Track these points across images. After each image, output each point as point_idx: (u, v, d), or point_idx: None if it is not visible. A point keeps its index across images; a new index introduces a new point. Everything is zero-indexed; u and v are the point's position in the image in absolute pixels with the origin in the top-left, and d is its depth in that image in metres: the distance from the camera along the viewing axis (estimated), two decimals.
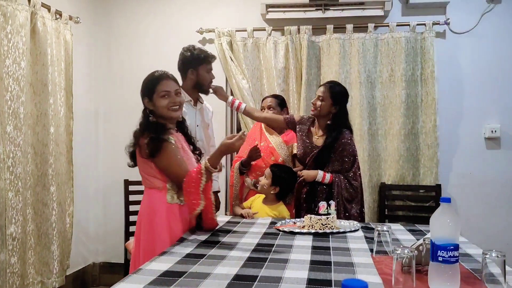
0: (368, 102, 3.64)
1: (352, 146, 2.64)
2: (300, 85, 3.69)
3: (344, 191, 2.58)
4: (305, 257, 1.58)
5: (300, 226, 2.14)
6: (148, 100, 1.99)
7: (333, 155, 2.61)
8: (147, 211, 1.96)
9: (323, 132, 2.68)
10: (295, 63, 3.70)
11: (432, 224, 1.23)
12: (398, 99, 3.60)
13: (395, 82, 3.61)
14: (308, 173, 2.62)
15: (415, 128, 3.60)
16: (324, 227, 2.05)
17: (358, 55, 3.62)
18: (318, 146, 2.64)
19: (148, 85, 2.00)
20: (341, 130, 2.63)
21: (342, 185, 2.58)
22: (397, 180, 3.60)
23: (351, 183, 2.59)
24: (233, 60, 3.79)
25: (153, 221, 1.92)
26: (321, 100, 2.64)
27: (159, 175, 1.93)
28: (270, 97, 3.12)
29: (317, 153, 2.62)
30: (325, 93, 2.64)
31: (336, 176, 2.60)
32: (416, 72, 3.59)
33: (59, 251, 3.19)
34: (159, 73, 2.02)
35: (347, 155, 2.62)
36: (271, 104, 3.02)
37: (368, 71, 3.64)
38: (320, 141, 2.66)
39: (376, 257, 1.57)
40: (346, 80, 3.65)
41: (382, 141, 3.67)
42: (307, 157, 2.66)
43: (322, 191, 2.60)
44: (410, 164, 3.59)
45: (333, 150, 2.61)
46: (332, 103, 2.65)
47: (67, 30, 3.40)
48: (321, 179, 2.59)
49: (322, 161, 2.61)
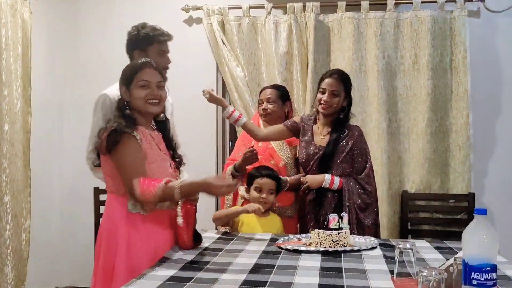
0: (388, 94, 3.65)
1: (364, 144, 2.68)
2: (305, 73, 3.71)
3: (357, 197, 2.60)
4: (312, 280, 1.58)
5: (306, 243, 2.14)
6: (126, 89, 2.04)
7: (342, 155, 2.64)
8: (107, 222, 1.99)
9: (328, 131, 2.71)
10: (300, 48, 3.70)
11: (465, 241, 1.24)
12: (423, 91, 3.61)
13: (419, 70, 3.62)
14: (313, 179, 2.64)
15: (444, 125, 3.61)
16: (335, 244, 2.05)
17: (375, 38, 3.63)
18: (323, 146, 2.67)
19: (127, 72, 2.05)
20: (350, 125, 2.69)
21: (354, 190, 2.60)
22: (422, 187, 3.61)
23: (365, 188, 2.62)
24: (225, 44, 3.80)
25: (113, 235, 1.93)
26: (335, 95, 2.66)
27: (117, 173, 1.96)
28: (270, 88, 3.11)
29: (323, 154, 2.65)
30: (338, 86, 2.67)
31: (346, 179, 2.62)
32: (444, 59, 3.60)
33: (13, 274, 3.18)
34: (142, 61, 2.07)
35: (359, 154, 2.65)
36: (271, 96, 3.02)
37: (388, 57, 3.65)
38: (325, 140, 2.69)
39: (397, 280, 1.57)
40: (361, 68, 3.67)
41: (404, 141, 3.67)
42: (311, 160, 2.69)
43: (330, 199, 2.62)
44: (437, 168, 3.61)
45: (342, 149, 2.64)
46: (345, 96, 2.70)
47: (25, 7, 3.38)
48: (329, 184, 2.61)
49: (329, 163, 2.64)
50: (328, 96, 2.66)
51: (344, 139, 2.65)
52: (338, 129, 2.66)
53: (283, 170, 2.91)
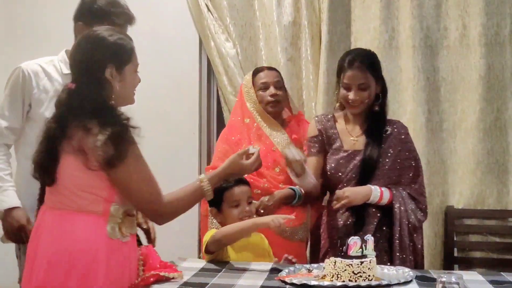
0: (427, 78, 3.62)
1: (412, 144, 2.73)
2: (318, 50, 3.70)
3: (411, 213, 2.61)
4: None
5: (319, 275, 2.13)
6: (115, 70, 2.04)
7: (388, 160, 2.65)
8: (84, 245, 1.93)
9: (362, 129, 2.72)
10: (311, 16, 3.70)
11: None
12: (474, 73, 3.58)
13: (469, 46, 3.60)
14: (355, 193, 2.60)
15: (502, 119, 3.59)
16: (356, 277, 2.02)
17: (410, 4, 3.59)
18: (359, 150, 2.68)
19: (120, 49, 2.07)
20: (390, 120, 2.71)
21: (408, 206, 2.61)
22: (473, 202, 3.58)
23: (419, 202, 2.63)
24: (211, 11, 3.80)
25: (92, 260, 1.92)
26: (363, 89, 2.65)
27: (106, 190, 1.97)
28: (271, 69, 3.12)
29: (362, 160, 2.65)
30: (365, 76, 2.65)
31: (397, 191, 2.63)
32: (502, 31, 3.56)
33: None
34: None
35: (408, 158, 2.67)
36: (279, 79, 3.06)
37: (427, 28, 3.62)
38: (360, 143, 2.70)
39: None
40: (391, 43, 3.65)
41: (449, 140, 3.63)
42: (346, 170, 2.68)
43: (372, 215, 2.62)
44: (493, 176, 3.58)
45: (387, 152, 2.65)
46: (376, 82, 2.68)
47: None
48: (378, 198, 2.58)
49: (370, 172, 2.65)
50: (355, 92, 2.65)
51: (387, 139, 2.66)
52: (377, 125, 2.68)
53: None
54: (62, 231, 1.95)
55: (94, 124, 1.89)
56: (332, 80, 3.58)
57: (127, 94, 2.10)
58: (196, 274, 2.20)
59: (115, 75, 2.02)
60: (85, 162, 1.90)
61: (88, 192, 1.96)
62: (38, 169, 2.01)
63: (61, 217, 1.97)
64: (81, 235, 1.93)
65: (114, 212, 1.96)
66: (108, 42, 2.04)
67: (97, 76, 1.99)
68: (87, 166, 1.90)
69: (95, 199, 1.95)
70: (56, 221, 1.97)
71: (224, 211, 2.59)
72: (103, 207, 1.95)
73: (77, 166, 1.93)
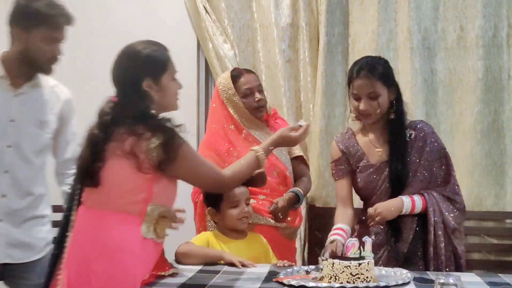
0: (425, 80, 3.62)
1: (440, 141, 2.67)
2: (316, 52, 3.70)
3: (447, 216, 2.56)
4: None
5: (317, 277, 2.13)
6: (152, 81, 2.11)
7: (417, 164, 2.59)
8: (118, 246, 1.99)
9: (385, 138, 2.65)
10: (309, 18, 3.70)
11: None
12: (471, 75, 3.58)
13: (466, 48, 3.60)
14: (387, 208, 2.52)
15: (499, 120, 3.58)
16: (354, 278, 2.01)
17: (408, 6, 3.60)
18: (386, 161, 2.63)
19: (154, 61, 2.14)
20: (412, 122, 2.66)
21: (443, 208, 2.56)
22: (471, 204, 3.53)
23: (455, 201, 2.59)
24: (209, 13, 3.79)
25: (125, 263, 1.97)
26: (373, 98, 2.57)
27: (146, 192, 2.04)
28: (250, 73, 3.05)
29: (391, 171, 2.59)
30: (374, 85, 2.57)
31: (429, 196, 2.56)
32: (499, 33, 3.57)
33: None
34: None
35: (437, 157, 2.62)
36: (259, 82, 3.03)
37: (425, 30, 3.62)
38: (385, 152, 2.64)
39: None
40: (389, 45, 3.64)
41: (447, 142, 3.49)
42: (376, 184, 2.63)
43: (409, 224, 2.58)
44: (490, 178, 3.58)
45: (415, 157, 2.59)
46: (388, 90, 2.61)
47: None
48: (411, 209, 2.53)
49: (401, 181, 2.59)
50: (366, 102, 2.57)
51: (413, 144, 2.60)
52: (398, 133, 2.61)
53: (290, 180, 2.94)
54: (99, 229, 2.02)
55: (144, 130, 1.99)
56: (330, 81, 3.58)
57: (168, 102, 2.19)
58: (193, 276, 2.20)
59: (153, 86, 2.11)
60: (137, 165, 1.99)
61: (130, 193, 2.03)
62: (82, 173, 2.09)
63: (99, 216, 2.04)
64: (117, 234, 2.01)
65: (150, 212, 2.03)
66: (142, 55, 2.12)
67: (136, 89, 2.09)
68: (139, 168, 1.99)
69: (134, 200, 2.03)
70: (94, 220, 2.05)
71: (223, 211, 2.58)
72: (141, 207, 2.02)
73: (124, 169, 2.01)
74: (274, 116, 3.08)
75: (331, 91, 3.56)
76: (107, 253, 1.98)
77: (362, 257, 2.08)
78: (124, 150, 1.99)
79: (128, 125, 2.01)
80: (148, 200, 2.04)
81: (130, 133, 1.99)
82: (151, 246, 2.06)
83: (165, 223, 2.09)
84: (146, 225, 2.03)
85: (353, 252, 2.10)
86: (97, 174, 2.02)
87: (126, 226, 2.02)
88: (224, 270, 2.30)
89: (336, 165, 2.74)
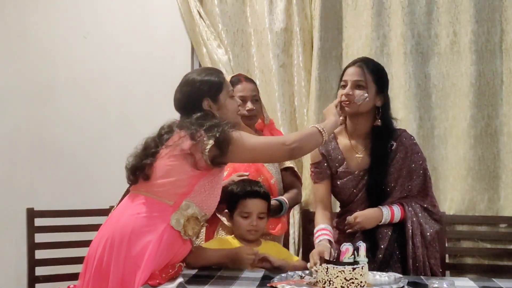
0: (418, 85, 3.64)
1: (421, 153, 2.66)
2: (310, 57, 3.72)
3: (426, 226, 2.57)
4: None
5: (311, 282, 2.13)
6: (211, 101, 2.39)
7: (397, 175, 2.60)
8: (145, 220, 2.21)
9: (366, 144, 2.64)
10: (302, 23, 3.72)
11: None
12: (465, 80, 3.59)
13: (460, 53, 3.61)
14: (366, 217, 2.53)
15: (492, 125, 3.60)
16: (348, 283, 2.01)
17: (401, 11, 3.61)
18: (366, 169, 2.61)
19: (209, 84, 2.40)
20: (396, 131, 2.64)
21: (421, 219, 2.57)
22: (464, 208, 3.58)
23: (432, 213, 2.61)
24: (203, 18, 3.80)
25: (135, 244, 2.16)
26: (359, 86, 2.56)
27: (187, 187, 2.25)
28: (248, 81, 3.02)
29: (370, 180, 2.59)
30: (363, 76, 2.57)
31: (408, 206, 2.58)
32: (493, 38, 3.58)
33: None
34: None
35: (417, 169, 2.62)
36: (256, 93, 2.99)
37: (418, 35, 3.64)
38: (365, 159, 2.63)
39: None
40: (382, 49, 3.65)
41: (440, 147, 3.64)
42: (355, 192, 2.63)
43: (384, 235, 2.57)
44: (484, 183, 3.59)
45: (396, 166, 2.59)
46: (377, 91, 2.60)
47: None
48: (389, 219, 2.54)
49: (380, 189, 2.59)
50: (351, 88, 2.56)
51: (393, 155, 2.59)
52: (381, 137, 2.61)
53: (274, 189, 2.92)
54: (132, 209, 2.25)
55: (200, 133, 2.23)
56: (324, 86, 3.59)
57: (229, 117, 2.39)
58: (188, 280, 2.19)
59: (212, 105, 2.39)
60: (193, 162, 2.23)
61: (172, 185, 2.25)
62: (134, 170, 2.30)
63: (136, 198, 2.28)
64: (147, 217, 2.22)
65: (184, 206, 2.24)
66: (198, 80, 2.40)
67: (197, 109, 2.35)
68: (195, 166, 2.23)
69: (174, 192, 2.25)
70: (131, 201, 2.29)
71: (234, 218, 2.59)
72: (177, 199, 2.25)
73: (173, 165, 2.25)
74: (270, 126, 3.08)
75: (325, 96, 3.55)
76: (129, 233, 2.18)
77: (356, 262, 2.08)
78: (183, 150, 2.23)
79: (186, 129, 2.26)
80: (186, 194, 2.25)
81: (188, 136, 2.24)
82: (176, 237, 2.23)
83: (195, 225, 2.27)
84: (176, 217, 2.22)
85: (347, 257, 2.10)
86: (149, 169, 2.26)
87: (158, 211, 2.23)
88: (218, 275, 2.30)
89: (315, 168, 2.74)
